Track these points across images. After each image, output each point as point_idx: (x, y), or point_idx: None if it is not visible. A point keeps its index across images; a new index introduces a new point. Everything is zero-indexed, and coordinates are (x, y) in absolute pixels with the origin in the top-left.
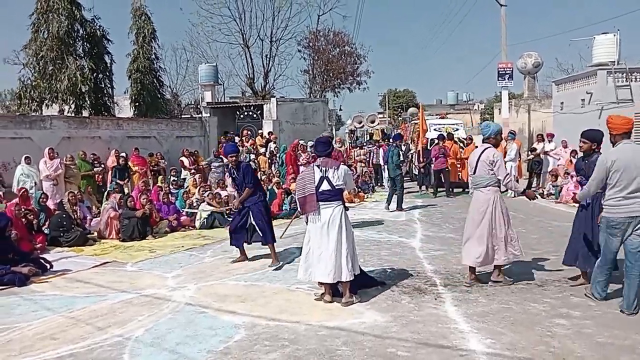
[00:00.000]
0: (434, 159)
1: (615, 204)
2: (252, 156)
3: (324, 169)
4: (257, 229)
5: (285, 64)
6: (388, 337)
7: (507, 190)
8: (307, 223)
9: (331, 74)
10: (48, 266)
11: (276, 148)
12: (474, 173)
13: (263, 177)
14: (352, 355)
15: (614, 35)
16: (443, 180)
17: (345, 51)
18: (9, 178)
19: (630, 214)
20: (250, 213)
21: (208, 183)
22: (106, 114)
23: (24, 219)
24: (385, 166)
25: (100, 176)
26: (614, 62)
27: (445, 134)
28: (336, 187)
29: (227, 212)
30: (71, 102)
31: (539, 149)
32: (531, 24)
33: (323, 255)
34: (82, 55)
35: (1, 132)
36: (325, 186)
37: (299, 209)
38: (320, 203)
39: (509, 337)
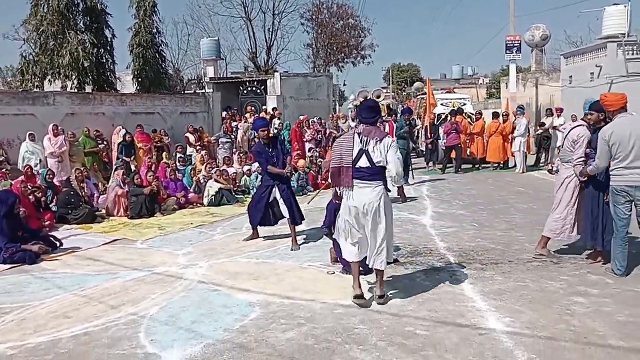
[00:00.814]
0: (445, 134)
1: (618, 174)
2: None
3: (365, 139)
4: (285, 207)
5: (288, 38)
6: (405, 315)
7: (515, 166)
8: (338, 197)
9: (335, 48)
10: (57, 244)
11: (280, 124)
12: (562, 146)
13: None
14: (370, 333)
15: (625, 6)
16: (454, 157)
17: (349, 24)
18: (14, 155)
19: (630, 183)
20: (278, 191)
21: (215, 160)
22: (109, 89)
23: (31, 197)
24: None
25: (104, 153)
26: (625, 34)
27: (455, 109)
28: (376, 165)
29: (236, 189)
30: (73, 77)
31: (548, 123)
32: None
33: (361, 239)
34: (83, 29)
35: (4, 109)
36: (363, 162)
37: (330, 179)
38: (356, 181)
39: (527, 316)
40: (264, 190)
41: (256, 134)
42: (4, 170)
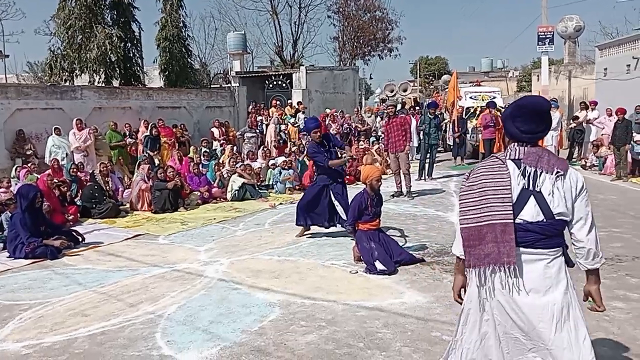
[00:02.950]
0: (482, 127)
1: None
2: (283, 126)
3: (530, 170)
4: (342, 209)
5: (315, 31)
6: (431, 319)
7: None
8: (460, 294)
9: (361, 41)
10: (80, 239)
11: (305, 119)
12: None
13: (294, 149)
14: (394, 338)
15: None
16: (483, 152)
17: (376, 17)
18: (42, 149)
19: None
20: (332, 193)
21: (240, 155)
22: (136, 84)
23: (56, 190)
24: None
25: (132, 147)
26: None
27: (490, 101)
28: (556, 217)
29: (259, 184)
30: (101, 72)
31: (582, 117)
32: None
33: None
34: (110, 23)
35: (33, 103)
36: (529, 213)
37: (457, 249)
38: (521, 249)
39: None
40: (320, 190)
41: (308, 136)
42: (31, 164)
